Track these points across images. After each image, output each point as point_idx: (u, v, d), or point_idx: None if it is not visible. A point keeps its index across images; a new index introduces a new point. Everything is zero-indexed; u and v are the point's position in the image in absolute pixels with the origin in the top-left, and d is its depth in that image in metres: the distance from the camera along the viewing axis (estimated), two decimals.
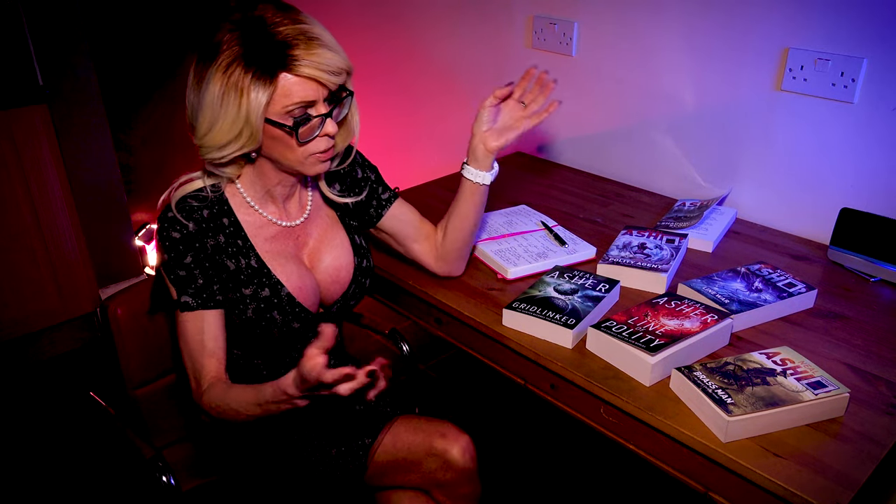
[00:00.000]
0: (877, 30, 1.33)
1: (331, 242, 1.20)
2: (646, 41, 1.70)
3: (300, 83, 0.96)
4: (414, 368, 1.55)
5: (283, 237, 1.15)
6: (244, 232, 1.10)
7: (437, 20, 2.21)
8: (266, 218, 1.13)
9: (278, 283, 1.11)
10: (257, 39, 0.94)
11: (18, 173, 2.21)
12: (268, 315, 1.10)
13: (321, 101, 1.00)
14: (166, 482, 1.17)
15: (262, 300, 1.09)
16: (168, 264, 1.05)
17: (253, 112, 0.96)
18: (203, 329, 1.06)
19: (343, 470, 1.14)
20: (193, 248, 1.05)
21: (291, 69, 0.95)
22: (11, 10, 2.17)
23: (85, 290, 2.47)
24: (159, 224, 1.06)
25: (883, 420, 0.95)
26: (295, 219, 1.16)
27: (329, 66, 0.97)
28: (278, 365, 1.20)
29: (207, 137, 0.99)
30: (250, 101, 0.95)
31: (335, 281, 1.20)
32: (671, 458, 0.99)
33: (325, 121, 1.01)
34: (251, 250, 1.10)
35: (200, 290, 1.06)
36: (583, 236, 1.47)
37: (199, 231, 1.06)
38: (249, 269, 1.10)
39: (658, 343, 1.02)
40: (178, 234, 1.05)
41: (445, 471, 1.14)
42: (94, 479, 1.92)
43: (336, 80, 0.99)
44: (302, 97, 0.97)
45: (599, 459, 1.91)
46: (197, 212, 1.06)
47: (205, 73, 0.97)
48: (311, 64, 0.95)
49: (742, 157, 1.61)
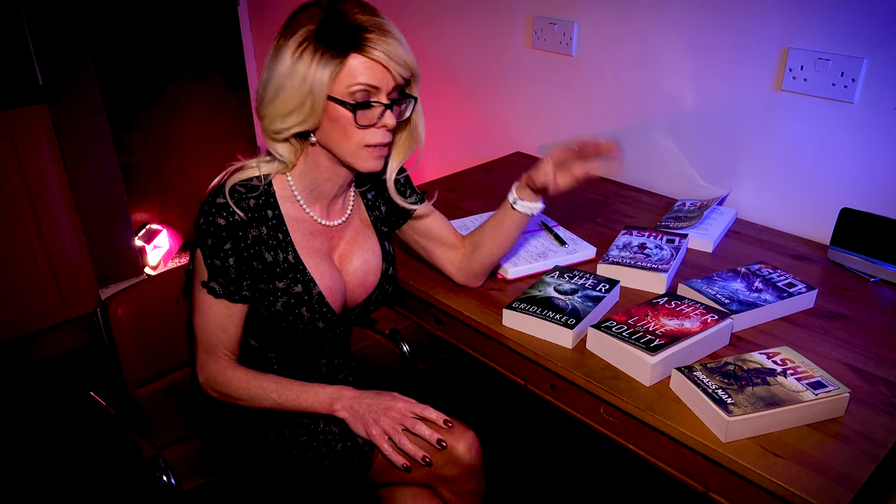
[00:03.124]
0: (877, 30, 1.33)
1: (362, 246, 1.22)
2: (646, 41, 1.71)
3: (368, 65, 0.99)
4: (414, 368, 1.55)
5: (320, 236, 1.16)
6: (286, 226, 1.12)
7: (437, 20, 2.21)
8: (308, 215, 1.14)
9: (311, 281, 1.12)
10: (335, 21, 0.99)
11: (18, 173, 2.21)
12: (296, 311, 1.12)
13: (385, 92, 1.02)
14: (167, 482, 1.17)
15: (293, 295, 1.11)
16: (208, 249, 1.06)
17: (318, 83, 0.99)
18: (224, 314, 1.10)
19: (348, 465, 1.14)
20: (236, 236, 1.06)
21: (362, 50, 0.99)
22: (11, 10, 2.17)
23: (85, 290, 2.47)
24: (206, 207, 1.06)
25: (883, 420, 0.95)
26: (335, 219, 1.18)
27: (398, 57, 1.01)
28: (291, 360, 1.21)
29: (272, 106, 1.03)
30: (317, 72, 0.99)
31: (361, 284, 1.21)
32: (671, 458, 0.99)
33: (385, 111, 1.03)
34: (290, 245, 1.12)
35: (230, 282, 1.08)
36: (583, 236, 1.47)
37: (245, 221, 1.07)
38: (286, 264, 1.11)
39: (658, 343, 1.02)
40: (223, 221, 1.05)
41: (451, 466, 1.14)
42: (94, 479, 1.92)
43: (402, 73, 1.02)
44: (368, 80, 1.00)
45: (599, 459, 1.91)
46: (244, 200, 1.07)
47: (281, 47, 1.01)
48: (382, 49, 0.99)
49: (742, 157, 1.61)
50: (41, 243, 2.31)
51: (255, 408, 1.13)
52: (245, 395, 1.12)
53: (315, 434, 1.15)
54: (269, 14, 2.87)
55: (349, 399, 1.12)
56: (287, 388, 1.12)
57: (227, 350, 1.13)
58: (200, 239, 1.07)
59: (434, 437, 1.09)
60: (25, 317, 2.36)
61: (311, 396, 1.12)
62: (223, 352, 1.13)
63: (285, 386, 1.12)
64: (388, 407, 1.11)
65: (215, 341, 1.12)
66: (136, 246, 2.67)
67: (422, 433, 1.09)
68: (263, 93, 1.04)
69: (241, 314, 1.12)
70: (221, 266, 1.07)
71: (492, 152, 2.13)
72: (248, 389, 1.12)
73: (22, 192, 2.23)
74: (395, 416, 1.10)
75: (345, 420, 1.11)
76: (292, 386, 1.13)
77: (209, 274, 1.08)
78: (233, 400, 1.13)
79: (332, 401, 1.11)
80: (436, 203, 1.29)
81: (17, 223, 2.25)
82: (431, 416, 1.11)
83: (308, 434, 1.16)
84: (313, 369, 1.25)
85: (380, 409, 1.10)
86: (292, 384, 1.13)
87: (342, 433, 1.14)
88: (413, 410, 1.11)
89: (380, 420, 1.09)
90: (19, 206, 2.23)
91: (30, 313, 2.36)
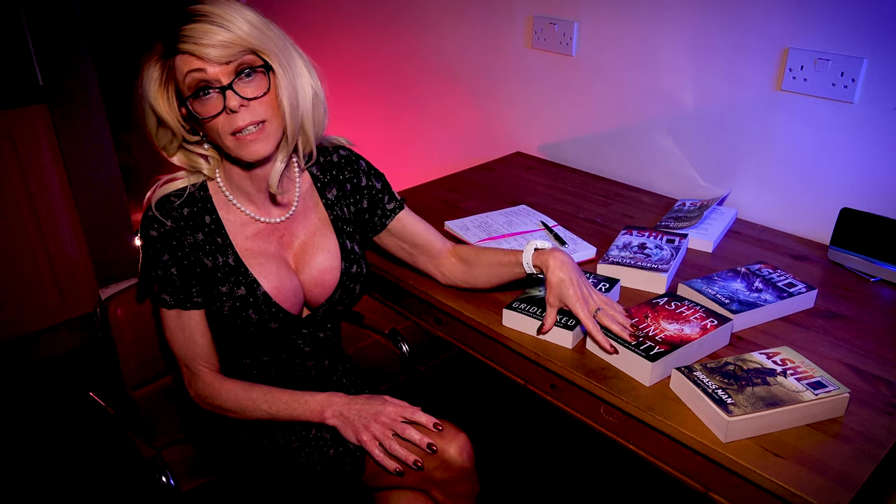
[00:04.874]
0: (877, 30, 1.33)
1: (318, 245, 1.20)
2: (646, 41, 1.70)
3: (184, 58, 1.00)
4: (413, 369, 1.55)
5: (266, 235, 1.16)
6: (224, 230, 1.12)
7: (438, 20, 2.21)
8: (247, 215, 1.14)
9: (254, 282, 1.12)
10: (166, 29, 1.01)
11: (18, 173, 2.21)
12: (243, 313, 1.11)
13: (221, 76, 1.00)
14: (166, 482, 1.17)
15: (237, 298, 1.11)
16: (147, 262, 1.09)
17: (148, 93, 1.03)
18: (186, 326, 1.11)
19: (341, 470, 1.14)
20: (170, 246, 1.08)
21: (179, 45, 0.99)
22: (11, 10, 2.17)
23: (85, 290, 2.47)
24: (141, 223, 1.10)
25: (883, 420, 0.95)
26: (276, 216, 1.17)
27: (212, 38, 0.98)
28: (267, 366, 1.21)
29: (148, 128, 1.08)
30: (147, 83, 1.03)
31: (319, 284, 1.19)
32: (671, 458, 0.99)
33: (224, 93, 1.00)
34: (230, 248, 1.12)
35: (178, 290, 1.09)
36: (583, 236, 1.47)
37: (177, 229, 1.08)
38: (227, 267, 1.11)
39: (658, 351, 1.02)
40: (155, 233, 1.08)
41: (443, 469, 1.14)
42: (93, 479, 1.92)
43: (220, 54, 0.99)
44: (187, 70, 0.99)
45: (599, 459, 1.91)
46: (176, 210, 1.09)
47: None
48: (190, 38, 0.98)
49: (742, 157, 1.61)
50: (41, 243, 2.31)
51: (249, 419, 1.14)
52: (236, 407, 1.12)
53: (307, 440, 1.15)
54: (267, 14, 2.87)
55: (339, 406, 1.11)
56: (277, 399, 1.12)
57: (205, 361, 1.14)
58: (142, 253, 1.09)
59: (424, 442, 1.09)
60: (25, 317, 2.36)
61: (301, 405, 1.12)
62: (201, 364, 1.13)
63: (275, 396, 1.12)
64: (377, 412, 1.10)
65: (190, 355, 1.13)
66: (136, 246, 2.67)
67: (412, 438, 1.09)
68: None
69: (202, 321, 1.12)
70: (164, 276, 1.09)
71: (492, 152, 2.13)
72: (238, 402, 1.12)
73: (22, 192, 2.23)
74: (384, 422, 1.09)
75: (336, 427, 1.11)
76: (282, 396, 1.12)
77: (158, 287, 1.10)
78: (225, 412, 1.14)
79: (323, 408, 1.11)
80: (435, 204, 1.29)
81: (17, 223, 2.25)
82: (421, 420, 1.11)
83: (300, 440, 1.15)
84: (301, 373, 1.24)
85: (369, 414, 1.10)
86: (282, 394, 1.13)
87: (334, 439, 1.14)
88: (403, 415, 1.10)
89: (370, 426, 1.09)
90: (19, 206, 2.23)
91: (30, 313, 2.37)
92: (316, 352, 1.25)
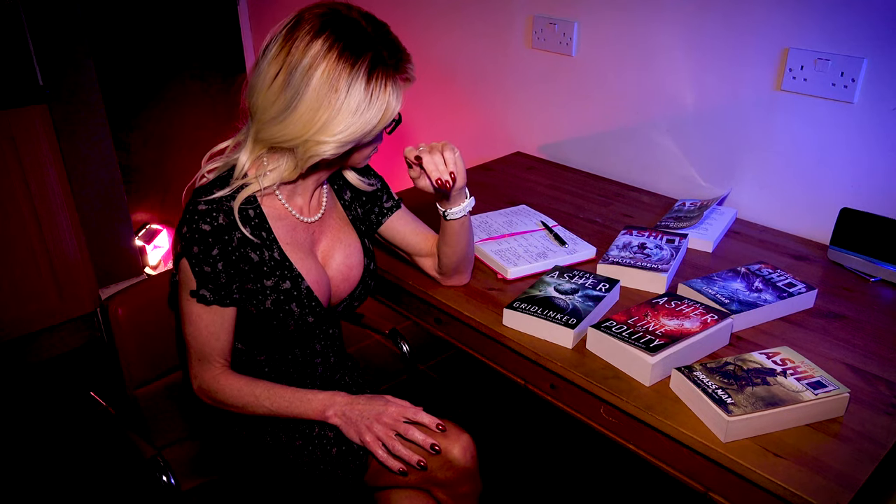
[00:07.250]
0: (877, 30, 1.33)
1: (343, 241, 1.23)
2: (646, 41, 1.71)
3: (401, 89, 1.06)
4: (414, 369, 1.55)
5: (301, 232, 1.17)
6: (268, 224, 1.12)
7: (438, 20, 2.21)
8: (288, 211, 1.15)
9: (299, 276, 1.13)
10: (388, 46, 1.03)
11: (18, 173, 2.21)
12: (286, 307, 1.12)
13: None
14: (166, 482, 1.17)
15: (282, 292, 1.11)
16: (195, 257, 1.04)
17: (391, 110, 1.04)
18: (216, 322, 1.09)
19: (344, 469, 1.14)
20: (222, 240, 1.05)
21: (404, 74, 1.05)
22: (11, 10, 2.17)
23: (85, 290, 2.47)
24: (187, 216, 1.05)
25: (883, 420, 0.95)
26: (313, 215, 1.19)
27: None
28: (280, 363, 1.21)
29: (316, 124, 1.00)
30: (392, 100, 1.03)
31: (345, 279, 1.22)
32: (671, 458, 0.99)
33: None
34: (274, 242, 1.12)
35: (220, 287, 1.07)
36: (583, 236, 1.47)
37: (229, 223, 1.06)
38: (272, 262, 1.11)
39: (658, 343, 1.02)
40: (207, 227, 1.04)
41: (446, 470, 1.14)
42: (94, 478, 1.92)
43: None
44: (400, 101, 1.06)
45: (599, 459, 1.91)
46: (225, 203, 1.06)
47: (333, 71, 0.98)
48: (411, 77, 1.06)
49: (742, 157, 1.61)
50: (41, 243, 2.32)
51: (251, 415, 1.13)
52: (238, 402, 1.12)
53: (310, 438, 1.15)
54: (269, 14, 2.87)
55: (341, 405, 1.11)
56: (279, 396, 1.12)
57: (221, 357, 1.13)
58: (186, 248, 1.05)
59: (428, 443, 1.09)
60: (25, 317, 2.36)
61: (303, 404, 1.11)
62: (217, 359, 1.12)
63: (277, 393, 1.12)
64: (380, 412, 1.10)
65: (208, 350, 1.11)
66: (136, 246, 2.67)
67: (415, 439, 1.09)
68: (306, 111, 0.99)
69: (232, 318, 1.11)
70: (211, 272, 1.05)
71: (492, 152, 2.13)
72: (241, 397, 1.12)
73: (22, 192, 2.23)
74: (387, 422, 1.09)
75: (338, 427, 1.11)
76: (284, 393, 1.12)
77: (198, 282, 1.06)
78: (227, 407, 1.14)
79: (325, 408, 1.11)
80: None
81: (17, 223, 2.25)
82: (424, 420, 1.11)
83: (304, 438, 1.16)
84: (309, 370, 1.25)
85: (372, 414, 1.10)
86: (284, 391, 1.13)
87: (337, 438, 1.14)
88: (406, 415, 1.10)
89: (373, 426, 1.09)
90: (19, 206, 2.24)
91: (30, 313, 2.37)
92: (325, 350, 1.27)
